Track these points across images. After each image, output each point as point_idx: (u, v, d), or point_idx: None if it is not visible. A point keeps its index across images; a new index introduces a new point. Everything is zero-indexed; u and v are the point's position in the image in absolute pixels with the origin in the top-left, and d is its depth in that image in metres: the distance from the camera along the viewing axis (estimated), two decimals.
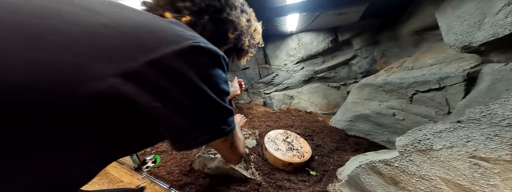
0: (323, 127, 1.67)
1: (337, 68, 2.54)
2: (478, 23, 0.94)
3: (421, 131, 0.64)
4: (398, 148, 0.67)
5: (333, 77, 2.60)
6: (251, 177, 0.95)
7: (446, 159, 0.55)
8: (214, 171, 0.99)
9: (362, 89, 1.65)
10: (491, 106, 0.52)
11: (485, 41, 0.89)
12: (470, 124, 0.54)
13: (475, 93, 0.96)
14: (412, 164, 0.63)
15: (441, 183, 0.57)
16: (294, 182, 0.98)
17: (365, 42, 2.28)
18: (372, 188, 0.75)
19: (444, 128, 0.59)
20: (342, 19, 2.00)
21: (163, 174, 1.04)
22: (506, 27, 0.82)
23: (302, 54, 2.64)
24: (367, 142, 1.46)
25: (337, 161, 1.18)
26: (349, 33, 2.31)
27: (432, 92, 1.18)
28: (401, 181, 0.66)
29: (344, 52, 2.50)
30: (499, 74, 0.88)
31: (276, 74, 2.88)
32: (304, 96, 2.64)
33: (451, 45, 1.08)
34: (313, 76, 2.69)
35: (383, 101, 1.47)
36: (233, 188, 0.91)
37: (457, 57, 1.20)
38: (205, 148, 1.10)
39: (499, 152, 0.47)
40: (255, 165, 1.03)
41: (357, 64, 2.39)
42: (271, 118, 1.86)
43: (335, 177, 1.00)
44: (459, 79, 1.06)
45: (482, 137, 0.50)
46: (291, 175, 1.03)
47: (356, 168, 0.80)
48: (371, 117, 1.47)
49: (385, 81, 1.44)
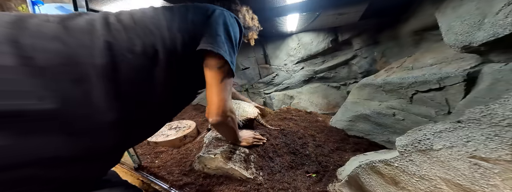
0: (323, 127, 1.67)
1: (337, 68, 2.54)
2: (478, 23, 0.94)
3: (421, 131, 0.64)
4: (398, 148, 0.67)
5: (333, 77, 2.60)
6: (251, 177, 0.95)
7: (446, 159, 0.55)
8: (214, 171, 0.99)
9: (362, 89, 1.65)
10: (491, 106, 0.52)
11: (485, 41, 0.89)
12: (470, 124, 0.54)
13: (475, 93, 0.96)
14: (412, 164, 0.63)
15: (441, 183, 0.57)
16: (294, 182, 0.98)
17: (365, 42, 2.28)
18: (372, 188, 0.75)
19: (444, 128, 0.59)
20: (342, 19, 2.00)
21: (163, 174, 1.04)
22: (506, 27, 0.82)
23: (302, 54, 2.63)
24: (367, 142, 1.46)
25: (337, 161, 1.18)
26: (349, 33, 2.30)
27: (432, 92, 1.18)
28: (401, 181, 0.66)
29: (344, 52, 2.49)
30: (499, 74, 0.88)
31: (276, 74, 2.88)
32: (304, 96, 2.64)
33: (451, 45, 1.08)
34: (313, 76, 2.68)
35: (383, 101, 1.47)
36: (233, 188, 0.91)
37: (457, 57, 1.20)
38: (206, 148, 1.10)
39: (499, 152, 0.47)
40: (255, 165, 1.03)
41: (357, 64, 2.39)
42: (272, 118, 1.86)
43: (335, 177, 1.00)
44: (459, 79, 1.06)
45: (482, 137, 0.50)
46: (291, 175, 1.03)
47: (356, 168, 0.80)
48: (371, 117, 1.47)
49: (385, 81, 1.44)
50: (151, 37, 0.52)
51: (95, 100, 0.42)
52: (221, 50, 0.58)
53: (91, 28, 0.47)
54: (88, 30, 0.46)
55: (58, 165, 0.39)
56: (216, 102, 0.64)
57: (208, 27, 0.60)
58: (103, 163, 0.49)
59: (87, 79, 0.41)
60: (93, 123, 0.42)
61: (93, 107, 0.42)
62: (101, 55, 0.44)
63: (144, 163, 1.16)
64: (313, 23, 2.14)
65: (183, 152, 1.24)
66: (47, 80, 0.38)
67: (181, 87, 0.61)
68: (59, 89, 0.39)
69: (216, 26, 0.61)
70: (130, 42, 0.49)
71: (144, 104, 0.51)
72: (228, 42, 0.63)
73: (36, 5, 1.29)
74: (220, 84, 0.62)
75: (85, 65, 0.42)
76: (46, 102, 0.37)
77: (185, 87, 0.63)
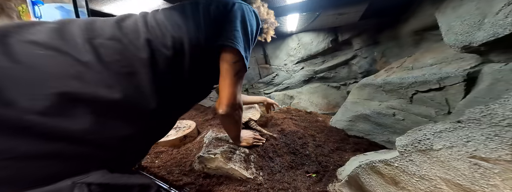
0: (323, 127, 1.67)
1: (337, 68, 2.54)
2: (478, 23, 0.94)
3: (421, 131, 0.64)
4: (398, 148, 0.67)
5: (333, 77, 2.60)
6: (251, 177, 0.95)
7: (446, 159, 0.55)
8: (214, 171, 0.99)
9: (362, 89, 1.65)
10: (491, 106, 0.52)
11: (485, 41, 0.89)
12: (470, 124, 0.54)
13: (475, 93, 0.96)
14: (412, 164, 0.63)
15: (441, 183, 0.57)
16: (294, 182, 0.98)
17: (365, 42, 2.28)
18: (372, 188, 0.75)
19: (444, 128, 0.59)
20: (342, 19, 2.00)
21: (163, 174, 1.04)
22: (506, 27, 0.82)
23: (302, 54, 2.63)
24: (367, 142, 1.46)
25: (337, 161, 1.17)
26: (349, 33, 2.31)
27: (432, 92, 1.18)
28: (401, 181, 0.66)
29: (344, 52, 2.49)
30: (499, 74, 0.88)
31: (276, 74, 2.89)
32: (304, 96, 2.64)
33: (451, 45, 1.08)
34: (313, 76, 2.68)
35: (383, 101, 1.47)
36: (233, 188, 0.91)
37: (457, 57, 1.20)
38: (206, 148, 1.10)
39: (499, 152, 0.47)
40: (255, 165, 1.03)
41: (357, 64, 2.39)
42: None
43: (335, 177, 1.00)
44: (459, 79, 1.06)
45: (482, 137, 0.50)
46: (291, 175, 1.03)
47: (356, 168, 0.80)
48: (371, 117, 1.47)
49: (385, 81, 1.44)
50: (179, 32, 0.57)
51: (143, 90, 0.49)
52: (238, 45, 0.62)
53: (136, 27, 0.54)
54: (134, 29, 0.53)
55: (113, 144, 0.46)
56: (228, 94, 0.68)
57: (227, 21, 0.63)
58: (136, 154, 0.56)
59: (137, 72, 0.48)
60: (141, 111, 0.49)
61: (143, 96, 0.49)
62: (145, 51, 0.50)
63: (144, 163, 1.16)
64: (313, 23, 2.14)
65: (183, 152, 1.24)
66: (111, 73, 0.45)
67: (201, 79, 0.66)
68: (120, 81, 0.46)
69: (235, 20, 0.64)
70: (163, 38, 0.54)
71: (174, 95, 0.58)
72: (244, 37, 0.66)
73: (36, 5, 1.29)
74: (233, 77, 0.66)
75: (134, 61, 0.49)
76: (114, 91, 0.44)
77: (204, 80, 0.68)
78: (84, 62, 0.43)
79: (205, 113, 1.86)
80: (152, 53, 0.51)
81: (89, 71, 0.43)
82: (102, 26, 0.51)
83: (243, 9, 0.68)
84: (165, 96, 0.54)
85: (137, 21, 0.55)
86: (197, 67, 0.61)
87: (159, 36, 0.54)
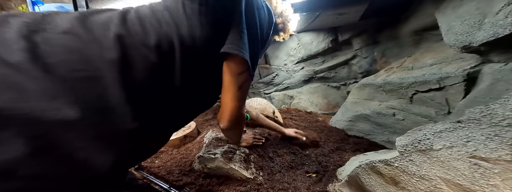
0: (323, 127, 1.67)
1: (337, 68, 2.54)
2: (478, 23, 0.94)
3: (421, 131, 0.64)
4: (398, 148, 0.67)
5: (333, 77, 2.60)
6: (251, 177, 0.95)
7: (446, 159, 0.55)
8: (214, 171, 0.99)
9: (362, 89, 1.65)
10: (491, 106, 0.52)
11: (485, 41, 0.89)
12: (470, 124, 0.54)
13: (475, 93, 0.96)
14: (412, 164, 0.63)
15: (441, 183, 0.57)
16: (294, 182, 0.98)
17: (365, 42, 2.27)
18: (372, 188, 0.75)
19: (444, 128, 0.59)
20: (342, 19, 2.00)
21: (163, 174, 1.04)
22: (506, 27, 0.82)
23: (302, 54, 2.63)
24: (367, 142, 1.46)
25: (337, 161, 1.17)
26: (349, 33, 2.30)
27: (432, 92, 1.18)
28: (401, 181, 0.66)
29: (344, 52, 2.49)
30: (499, 74, 0.88)
31: (276, 74, 2.88)
32: (304, 96, 2.63)
33: (451, 45, 1.08)
34: (313, 76, 2.68)
35: (383, 101, 1.47)
36: (233, 188, 0.91)
37: (457, 57, 1.20)
38: (206, 148, 1.10)
39: (499, 152, 0.47)
40: (255, 165, 1.03)
41: (357, 64, 2.39)
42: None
43: (335, 177, 1.00)
44: (459, 79, 1.06)
45: (482, 137, 0.50)
46: (291, 175, 1.03)
47: (356, 168, 0.80)
48: (371, 117, 1.47)
49: (385, 81, 1.44)
50: (166, 28, 0.45)
51: (109, 99, 0.37)
52: (245, 54, 0.51)
53: (107, 21, 0.42)
54: (103, 22, 0.41)
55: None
56: (230, 109, 0.59)
57: (232, 19, 0.51)
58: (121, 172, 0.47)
59: (101, 77, 0.37)
60: (108, 129, 0.38)
61: (109, 108, 0.37)
62: (113, 50, 0.39)
63: (144, 163, 1.16)
64: (313, 23, 2.14)
65: (183, 152, 1.24)
66: (57, 80, 0.33)
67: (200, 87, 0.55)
68: (72, 89, 0.34)
69: (241, 18, 0.51)
70: (145, 35, 0.43)
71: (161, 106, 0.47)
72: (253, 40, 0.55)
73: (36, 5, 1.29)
74: (237, 91, 0.56)
75: (98, 62, 0.37)
76: (60, 105, 0.32)
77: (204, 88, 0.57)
78: (11, 63, 0.31)
79: (205, 113, 1.86)
80: (124, 52, 0.40)
81: (20, 76, 0.31)
82: (62, 18, 0.39)
83: (253, 3, 0.55)
84: (146, 108, 0.43)
85: (113, 15, 0.44)
86: (193, 72, 0.50)
87: (138, 33, 0.43)
